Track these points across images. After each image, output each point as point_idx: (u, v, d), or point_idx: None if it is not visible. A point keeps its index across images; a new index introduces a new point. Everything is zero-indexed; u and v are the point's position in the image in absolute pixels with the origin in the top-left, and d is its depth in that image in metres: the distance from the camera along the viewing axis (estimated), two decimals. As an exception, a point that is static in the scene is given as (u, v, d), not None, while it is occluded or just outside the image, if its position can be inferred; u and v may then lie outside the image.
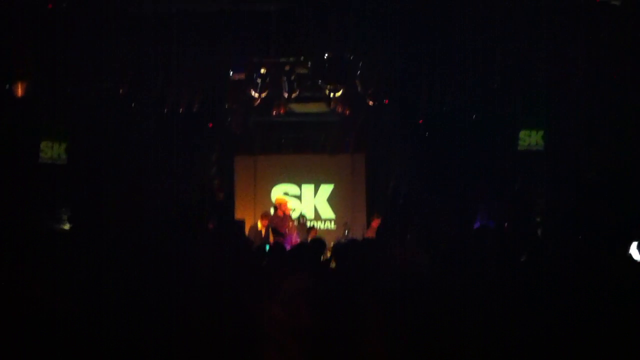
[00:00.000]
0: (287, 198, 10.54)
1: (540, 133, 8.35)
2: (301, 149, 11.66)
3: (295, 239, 9.38)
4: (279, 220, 9.71)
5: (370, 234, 9.38)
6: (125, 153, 9.97)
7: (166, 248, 3.83)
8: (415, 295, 2.67)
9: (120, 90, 8.78)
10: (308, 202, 11.56)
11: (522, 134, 8.46)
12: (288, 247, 5.89)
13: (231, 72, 8.76)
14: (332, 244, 7.18)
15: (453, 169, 9.72)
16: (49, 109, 8.67)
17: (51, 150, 8.73)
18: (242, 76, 8.89)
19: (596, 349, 2.51)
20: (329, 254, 6.78)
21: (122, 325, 2.39)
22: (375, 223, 9.73)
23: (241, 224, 9.82)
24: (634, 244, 5.55)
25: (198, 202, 10.89)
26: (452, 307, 2.62)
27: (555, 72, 7.70)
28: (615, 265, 3.44)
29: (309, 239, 8.12)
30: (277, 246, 5.29)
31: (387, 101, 9.33)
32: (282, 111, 9.87)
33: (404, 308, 2.44)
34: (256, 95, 8.93)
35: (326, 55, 7.89)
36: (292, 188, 11.58)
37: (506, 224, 8.64)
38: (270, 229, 9.43)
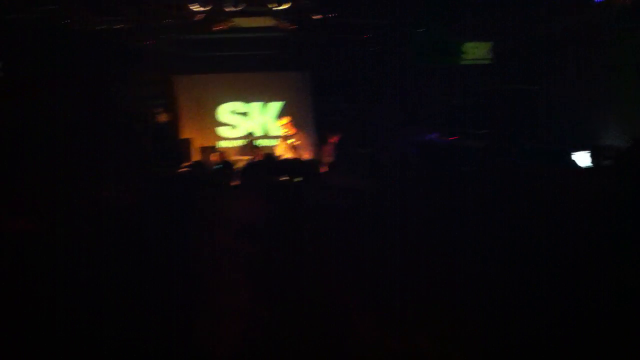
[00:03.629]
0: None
1: (488, 45, 8.38)
2: (247, 67, 11.36)
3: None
4: None
5: (327, 150, 9.46)
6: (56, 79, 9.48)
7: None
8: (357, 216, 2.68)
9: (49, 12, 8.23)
10: (257, 120, 11.43)
11: (468, 46, 8.48)
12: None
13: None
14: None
15: (395, 83, 9.75)
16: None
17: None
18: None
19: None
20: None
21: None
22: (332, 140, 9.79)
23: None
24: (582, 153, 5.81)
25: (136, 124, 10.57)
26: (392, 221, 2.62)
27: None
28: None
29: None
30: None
31: (331, 15, 9.12)
32: (224, 27, 9.51)
33: (346, 229, 2.44)
34: (198, 9, 8.53)
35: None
36: (239, 106, 11.38)
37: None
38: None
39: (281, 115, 11.23)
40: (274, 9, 8.65)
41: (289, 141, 9.50)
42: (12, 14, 8.07)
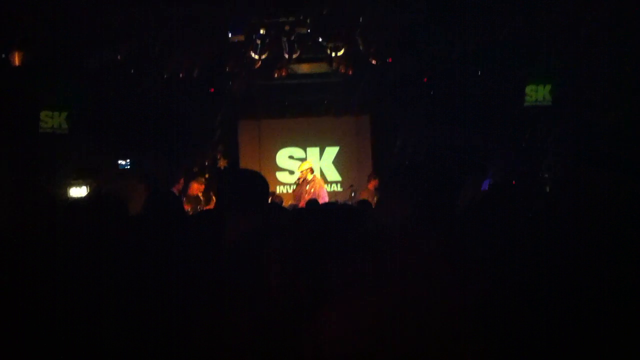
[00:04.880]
0: (309, 162, 9.64)
1: (548, 88, 8.16)
2: (305, 111, 11.52)
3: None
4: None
5: (366, 195, 9.26)
6: (126, 120, 9.91)
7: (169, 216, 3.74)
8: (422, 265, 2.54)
9: (119, 57, 8.66)
10: (314, 165, 11.48)
11: (529, 89, 8.28)
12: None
13: (230, 34, 8.56)
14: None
15: (459, 127, 9.58)
16: (48, 78, 8.57)
17: (51, 120, 8.66)
18: (241, 38, 8.69)
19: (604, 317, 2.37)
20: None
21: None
22: (372, 185, 9.63)
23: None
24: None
25: (201, 169, 10.89)
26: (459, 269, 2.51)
27: (561, 26, 7.46)
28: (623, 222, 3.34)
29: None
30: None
31: (390, 59, 9.13)
32: (283, 73, 9.70)
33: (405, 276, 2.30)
34: (256, 57, 8.76)
35: (325, 12, 7.67)
36: (297, 151, 11.49)
37: (514, 182, 8.53)
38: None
39: (337, 160, 11.27)
40: (331, 54, 8.76)
41: (307, 187, 9.03)
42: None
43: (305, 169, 9.10)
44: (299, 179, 9.08)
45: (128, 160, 10.53)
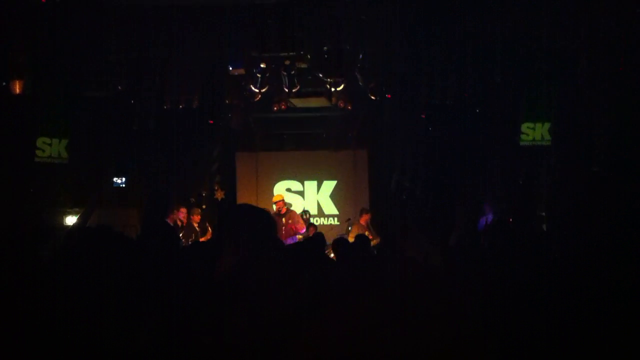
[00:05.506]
0: (281, 195, 10.24)
1: (546, 126, 8.16)
2: (303, 145, 11.55)
3: (286, 237, 9.09)
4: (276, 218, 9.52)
5: (358, 229, 9.24)
6: (125, 151, 9.94)
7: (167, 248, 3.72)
8: (426, 293, 2.55)
9: (119, 87, 8.72)
10: (311, 199, 11.46)
11: (525, 127, 8.28)
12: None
13: (230, 67, 8.65)
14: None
15: (456, 163, 9.60)
16: (47, 107, 8.60)
17: (50, 148, 8.64)
18: (241, 71, 8.79)
19: (599, 348, 2.43)
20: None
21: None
22: (364, 219, 9.62)
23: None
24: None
25: (198, 199, 10.88)
26: (462, 303, 2.52)
27: (558, 64, 7.56)
28: (619, 262, 3.35)
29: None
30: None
31: (389, 95, 9.21)
32: (282, 107, 9.76)
33: (413, 306, 2.31)
34: (256, 90, 8.83)
35: (326, 48, 7.76)
36: (294, 184, 11.48)
37: (510, 219, 8.51)
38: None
39: (334, 193, 11.28)
40: (330, 89, 8.84)
41: (284, 220, 9.24)
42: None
43: (279, 201, 9.49)
44: (277, 210, 9.35)
45: (123, 179, 10.55)
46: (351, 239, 8.69)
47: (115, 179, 10.49)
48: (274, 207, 9.43)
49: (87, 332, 2.25)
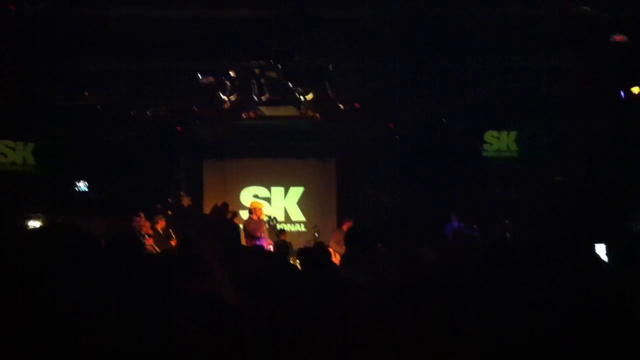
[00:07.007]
0: (262, 203, 10.36)
1: (512, 135, 8.16)
2: (271, 153, 11.58)
3: (269, 242, 9.25)
4: (255, 224, 9.56)
5: (339, 237, 9.32)
6: (93, 159, 9.80)
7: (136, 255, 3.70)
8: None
9: (86, 93, 8.59)
10: (278, 205, 11.49)
11: (489, 135, 8.31)
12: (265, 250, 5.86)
13: (199, 76, 8.62)
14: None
15: (423, 173, 9.76)
16: (14, 113, 8.41)
17: (13, 153, 8.41)
18: (210, 80, 8.76)
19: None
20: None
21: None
22: (347, 227, 9.68)
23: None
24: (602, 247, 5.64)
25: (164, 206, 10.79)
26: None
27: (528, 86, 7.67)
28: (584, 270, 3.47)
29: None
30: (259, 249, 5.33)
31: (357, 105, 9.31)
32: (251, 115, 9.77)
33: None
34: (225, 98, 8.82)
35: (297, 59, 7.81)
36: (261, 190, 11.49)
37: (475, 227, 8.70)
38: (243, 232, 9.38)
39: (302, 200, 11.33)
40: (299, 98, 8.89)
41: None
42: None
43: (259, 207, 9.67)
44: (255, 214, 9.51)
45: (86, 183, 10.40)
46: (333, 245, 8.87)
47: (80, 186, 10.33)
48: (252, 213, 9.50)
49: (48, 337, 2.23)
